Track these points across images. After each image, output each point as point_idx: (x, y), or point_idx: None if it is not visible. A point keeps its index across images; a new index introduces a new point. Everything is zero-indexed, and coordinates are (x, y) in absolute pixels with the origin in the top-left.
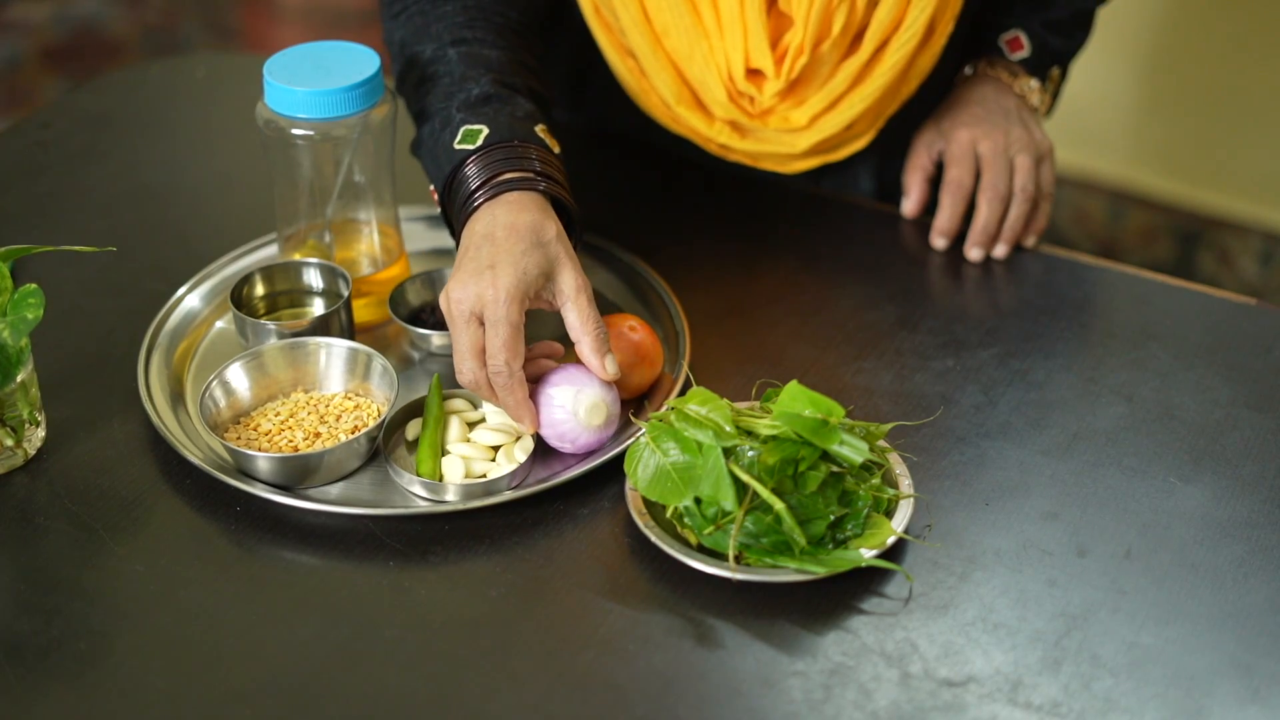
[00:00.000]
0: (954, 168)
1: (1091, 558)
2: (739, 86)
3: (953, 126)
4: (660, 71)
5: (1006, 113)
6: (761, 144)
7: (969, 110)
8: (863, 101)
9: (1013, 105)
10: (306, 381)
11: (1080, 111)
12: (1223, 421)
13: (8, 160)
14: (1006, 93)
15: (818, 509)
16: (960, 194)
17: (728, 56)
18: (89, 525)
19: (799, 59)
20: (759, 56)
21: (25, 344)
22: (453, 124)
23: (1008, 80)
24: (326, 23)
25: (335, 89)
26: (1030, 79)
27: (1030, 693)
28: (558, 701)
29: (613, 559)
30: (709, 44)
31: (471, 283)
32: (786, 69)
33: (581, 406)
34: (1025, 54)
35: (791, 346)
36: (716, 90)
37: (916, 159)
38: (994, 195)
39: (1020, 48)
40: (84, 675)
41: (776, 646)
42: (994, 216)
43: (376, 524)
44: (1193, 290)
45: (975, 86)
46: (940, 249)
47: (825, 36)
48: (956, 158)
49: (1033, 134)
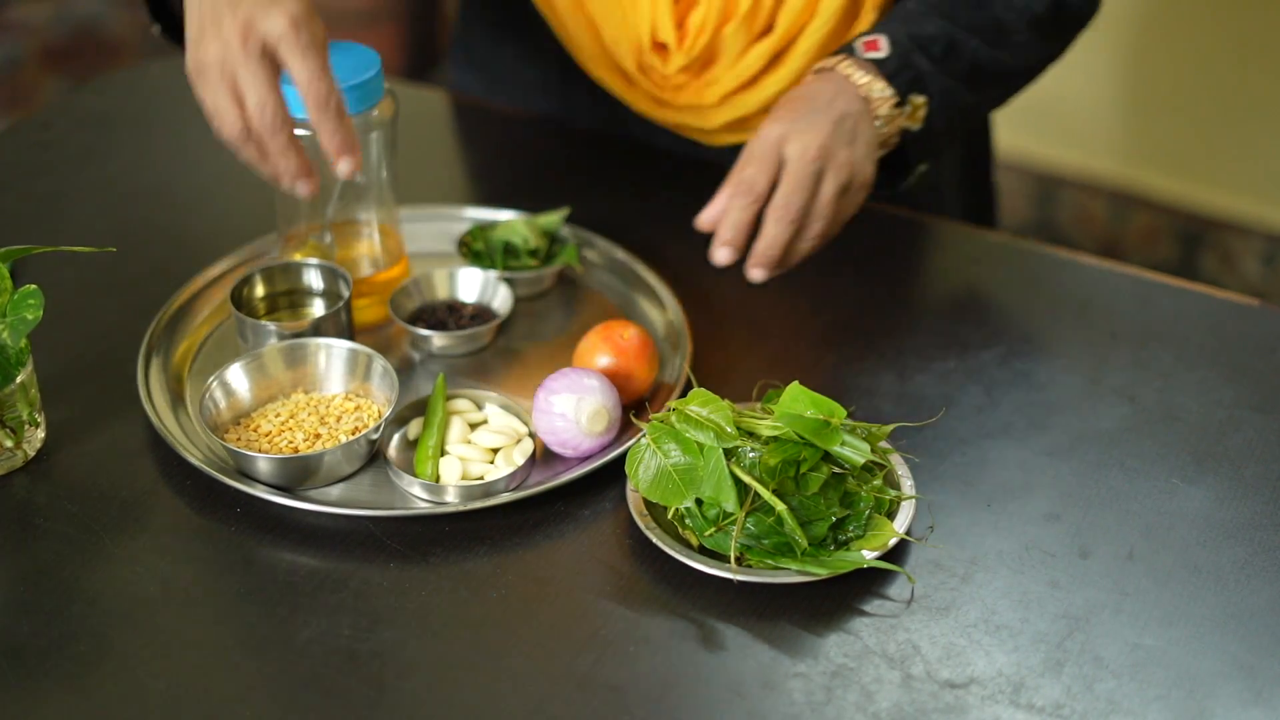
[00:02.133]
0: (749, 165)
1: (1094, 559)
2: (645, 58)
3: (766, 119)
4: (580, 33)
5: (837, 120)
6: (680, 116)
7: (792, 102)
8: (778, 84)
9: (847, 111)
10: (307, 382)
11: (1082, 111)
12: (1225, 423)
13: (8, 160)
14: (849, 94)
15: (819, 510)
16: (745, 196)
17: (638, 26)
18: (89, 526)
19: (700, 37)
20: (664, 30)
21: (25, 344)
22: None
23: (854, 78)
24: (327, 23)
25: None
26: (880, 81)
27: (1032, 694)
28: (558, 703)
29: (614, 560)
30: (622, 13)
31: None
32: (688, 45)
33: (584, 414)
34: (881, 55)
35: (793, 347)
36: (628, 59)
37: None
38: (784, 214)
39: (876, 48)
40: (84, 676)
41: (778, 648)
42: (778, 239)
43: (377, 525)
44: (1196, 291)
45: (814, 82)
46: (721, 264)
47: (730, 16)
48: (755, 154)
49: (854, 154)
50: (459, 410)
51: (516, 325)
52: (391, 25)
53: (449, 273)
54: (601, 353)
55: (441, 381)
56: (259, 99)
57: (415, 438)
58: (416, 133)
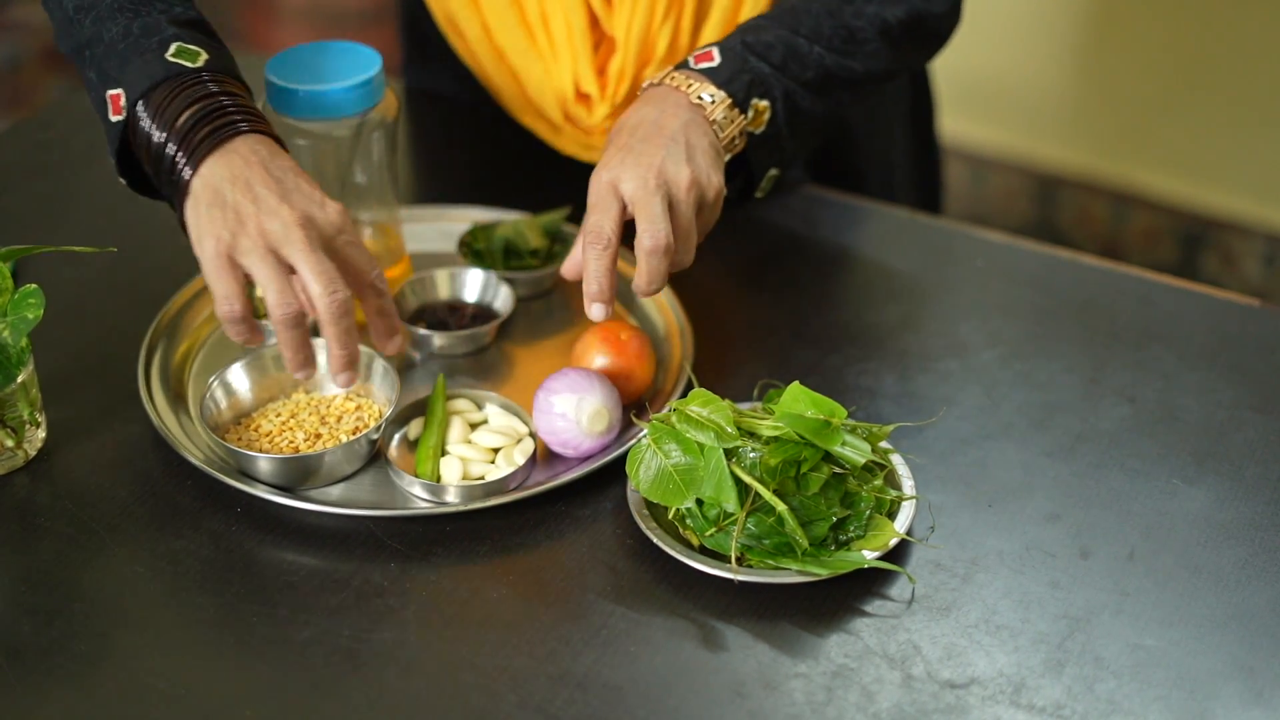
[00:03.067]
0: (593, 213)
1: (1094, 559)
2: (569, 109)
3: (596, 168)
4: (504, 87)
5: (666, 142)
6: None
7: (616, 142)
8: None
9: (677, 126)
10: (307, 382)
11: (1082, 112)
12: (1226, 423)
13: (9, 161)
14: (676, 105)
15: (820, 510)
16: (597, 244)
17: (560, 78)
18: (89, 526)
19: (622, 83)
20: (586, 81)
21: (25, 344)
22: (163, 33)
23: (684, 86)
24: (326, 23)
25: (336, 89)
26: (711, 85)
27: (1033, 695)
28: (559, 703)
29: (614, 560)
30: (544, 66)
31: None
32: (610, 92)
33: (584, 414)
34: (713, 64)
35: (793, 347)
36: (553, 110)
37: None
38: (652, 248)
39: (709, 59)
40: (84, 676)
41: (778, 648)
42: (657, 272)
43: (377, 525)
44: (1196, 291)
45: (636, 107)
46: (597, 319)
47: (649, 60)
48: (596, 201)
49: (695, 169)
50: (459, 410)
51: (517, 325)
52: (391, 25)
53: (450, 273)
54: (599, 353)
55: (442, 381)
56: (330, 282)
57: (416, 438)
58: (416, 133)
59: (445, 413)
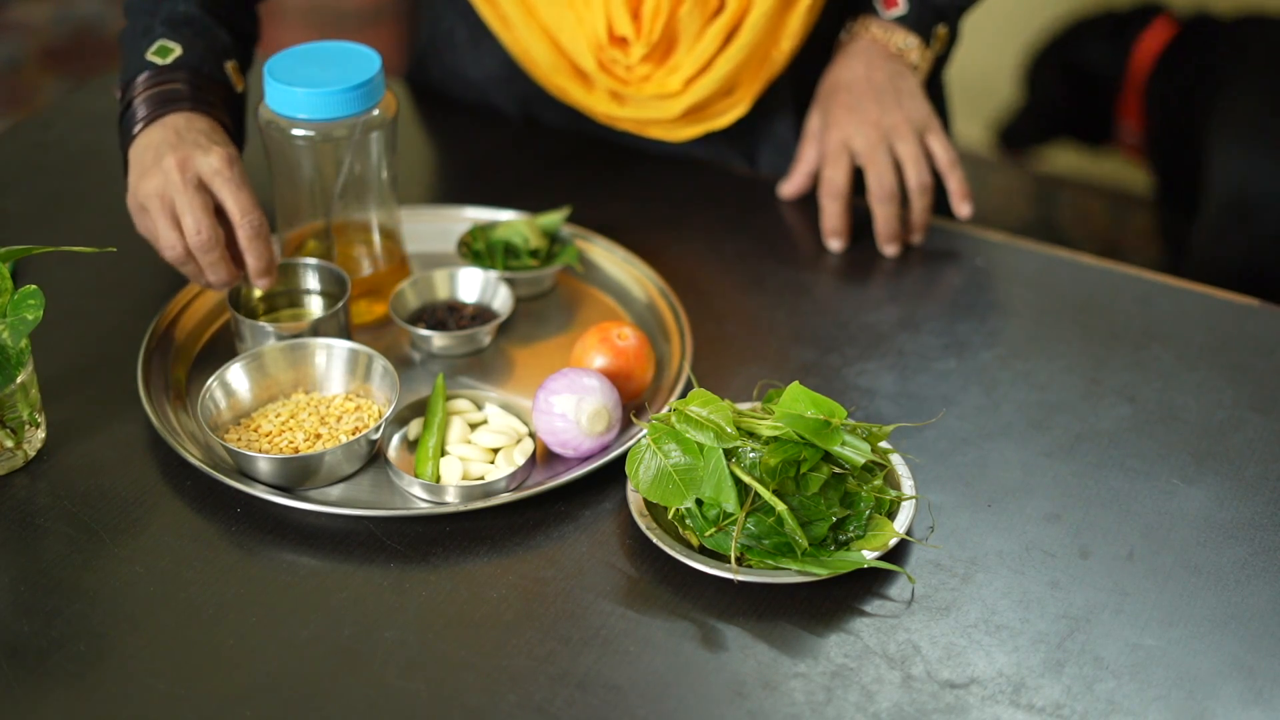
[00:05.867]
0: (827, 168)
1: (1094, 559)
2: (606, 54)
3: (824, 127)
4: (536, 42)
5: (879, 92)
6: (642, 110)
7: (838, 100)
8: (729, 62)
9: (885, 77)
10: (307, 383)
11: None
12: (1226, 423)
13: (9, 161)
14: (880, 57)
15: (820, 510)
16: (834, 193)
17: (594, 24)
18: (89, 526)
19: (656, 21)
20: (621, 23)
21: (25, 345)
22: (152, 34)
23: (882, 39)
24: (326, 23)
25: (335, 89)
26: (908, 34)
27: (1033, 694)
28: (559, 703)
29: (614, 560)
30: (576, 14)
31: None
32: (646, 31)
33: (584, 415)
34: (901, 11)
35: (793, 347)
36: (587, 59)
37: (802, 150)
38: (881, 195)
39: (894, 5)
40: (84, 676)
41: (778, 648)
42: (890, 216)
43: (377, 525)
44: (1196, 291)
45: (846, 62)
46: (836, 250)
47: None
48: (829, 158)
49: (908, 110)
50: (459, 410)
51: (517, 325)
52: (391, 25)
53: (449, 273)
54: (598, 353)
55: (441, 381)
56: (195, 221)
57: (415, 438)
58: (417, 133)
59: (445, 413)
